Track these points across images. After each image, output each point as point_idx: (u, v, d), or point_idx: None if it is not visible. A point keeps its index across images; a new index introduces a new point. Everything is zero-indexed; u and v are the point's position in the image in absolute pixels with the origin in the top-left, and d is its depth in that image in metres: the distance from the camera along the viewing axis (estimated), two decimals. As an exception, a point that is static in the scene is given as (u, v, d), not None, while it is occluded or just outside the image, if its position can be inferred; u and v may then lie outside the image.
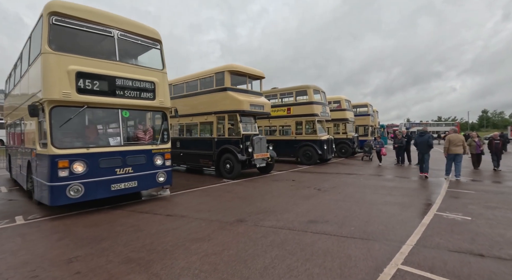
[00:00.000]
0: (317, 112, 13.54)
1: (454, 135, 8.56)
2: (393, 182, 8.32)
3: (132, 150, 5.48)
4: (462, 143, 8.40)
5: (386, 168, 11.99)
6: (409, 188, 7.33)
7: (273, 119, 14.78)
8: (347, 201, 5.99)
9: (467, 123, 76.84)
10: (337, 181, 8.69)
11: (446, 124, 67.11)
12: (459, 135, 8.71)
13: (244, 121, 9.42)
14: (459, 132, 9.34)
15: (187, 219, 4.70)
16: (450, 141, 8.46)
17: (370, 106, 23.62)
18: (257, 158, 9.32)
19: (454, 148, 8.38)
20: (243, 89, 9.78)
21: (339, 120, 18.04)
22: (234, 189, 7.55)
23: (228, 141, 9.34)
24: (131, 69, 5.53)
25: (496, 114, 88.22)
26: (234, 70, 9.36)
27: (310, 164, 13.27)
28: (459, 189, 7.13)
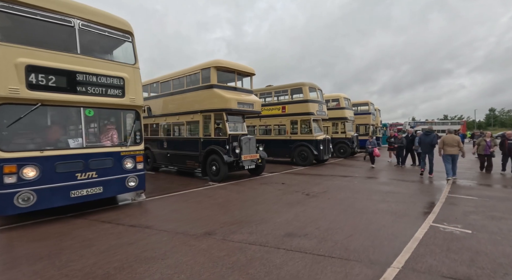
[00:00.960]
0: (312, 110, 12.96)
1: (448, 136, 8.41)
2: (390, 186, 7.73)
3: (96, 152, 4.99)
4: (457, 143, 8.25)
5: (384, 169, 11.39)
6: (406, 193, 6.75)
7: (268, 118, 14.24)
8: (335, 208, 5.44)
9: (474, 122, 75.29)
10: (330, 184, 8.13)
11: (452, 123, 65.68)
12: (454, 136, 8.51)
13: (231, 121, 8.89)
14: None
15: (150, 231, 4.20)
16: (444, 142, 8.40)
17: (371, 104, 22.91)
18: (245, 159, 8.80)
19: (449, 148, 8.27)
20: (231, 87, 9.24)
21: (338, 119, 17.42)
22: (216, 193, 7.04)
23: (214, 141, 8.83)
24: (96, 63, 5.03)
25: (504, 112, 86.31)
26: (221, 66, 8.82)
27: (305, 165, 12.71)
28: (461, 194, 6.52)
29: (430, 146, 9.02)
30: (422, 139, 9.29)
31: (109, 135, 5.40)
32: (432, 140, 9.03)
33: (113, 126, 5.59)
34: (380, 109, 29.10)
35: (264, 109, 14.40)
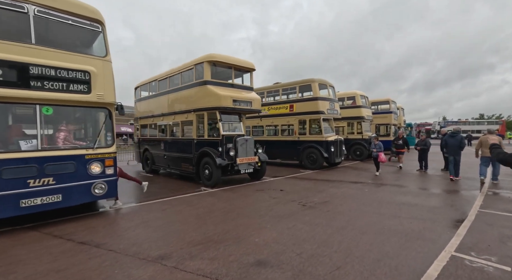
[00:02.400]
0: (322, 109, 11.87)
1: (487, 137, 7.57)
2: (406, 196, 6.55)
3: (53, 155, 4.44)
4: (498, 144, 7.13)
5: (404, 174, 10.05)
6: (425, 206, 5.58)
7: (275, 118, 13.34)
8: (331, 225, 4.47)
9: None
10: (335, 192, 7.09)
11: (488, 122, 60.17)
12: (495, 136, 7.37)
13: (226, 120, 8.14)
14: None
15: (97, 251, 3.53)
16: (482, 143, 7.73)
17: (393, 102, 21.09)
18: (241, 162, 8.00)
19: (487, 149, 7.48)
20: (227, 83, 8.49)
21: (354, 118, 16.07)
22: (202, 201, 6.31)
23: (208, 142, 8.12)
24: (56, 55, 4.50)
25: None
26: (215, 60, 8.10)
27: (314, 168, 11.65)
28: (497, 209, 5.24)
29: (458, 149, 8.40)
30: (448, 141, 8.66)
31: (71, 136, 4.86)
32: (460, 142, 8.40)
33: (77, 127, 5.05)
34: (404, 108, 27.03)
35: (272, 108, 13.56)
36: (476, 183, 7.96)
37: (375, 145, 10.01)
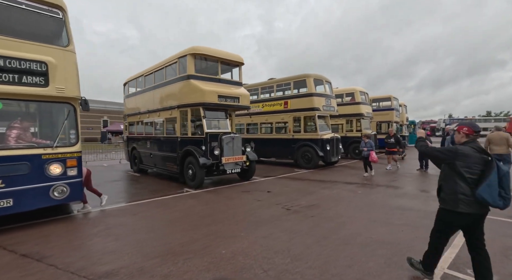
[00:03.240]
0: (318, 106, 11.33)
1: (495, 134, 7.37)
2: (403, 199, 6.03)
3: (2, 155, 4.01)
4: (505, 141, 7.15)
5: (403, 175, 9.50)
6: (421, 211, 5.06)
7: (269, 115, 12.84)
8: (312, 233, 3.98)
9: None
10: (325, 194, 6.59)
11: (495, 120, 58.82)
12: (502, 133, 7.39)
13: (210, 117, 7.65)
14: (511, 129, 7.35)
15: (35, 267, 3.09)
16: (490, 140, 7.32)
17: (394, 99, 20.40)
18: (227, 162, 7.53)
19: (496, 147, 7.18)
20: (213, 78, 7.99)
21: (353, 115, 15.50)
22: (180, 204, 5.86)
23: (191, 141, 7.66)
24: (7, 43, 4.05)
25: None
26: (199, 53, 7.60)
27: (309, 167, 11.15)
28: (498, 215, 4.70)
29: None
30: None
31: (28, 134, 4.42)
32: None
33: (35, 123, 4.61)
34: (407, 105, 26.29)
35: (266, 105, 13.07)
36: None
37: (366, 144, 9.20)
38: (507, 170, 2.35)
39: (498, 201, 2.30)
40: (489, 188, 2.29)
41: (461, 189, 2.43)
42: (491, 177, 2.30)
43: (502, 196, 2.31)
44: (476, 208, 2.40)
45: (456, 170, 2.46)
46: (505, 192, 2.31)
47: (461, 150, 2.46)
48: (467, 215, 2.43)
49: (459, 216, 2.46)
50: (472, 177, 2.40)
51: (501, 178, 2.31)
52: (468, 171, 2.41)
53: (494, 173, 2.31)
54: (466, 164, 2.42)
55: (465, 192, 2.41)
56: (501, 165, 2.36)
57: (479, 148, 2.47)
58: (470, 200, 2.39)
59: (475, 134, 2.55)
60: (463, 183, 2.43)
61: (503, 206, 2.33)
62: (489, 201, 2.30)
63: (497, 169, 2.32)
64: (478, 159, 2.42)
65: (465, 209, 2.41)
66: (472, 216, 2.44)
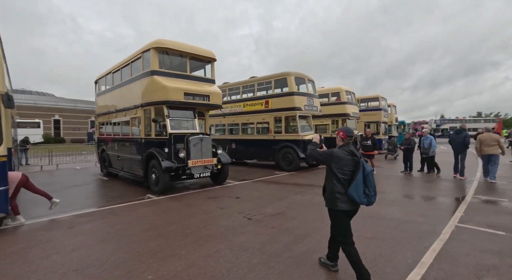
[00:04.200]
0: (299, 105, 10.85)
1: (486, 135, 7.68)
2: (378, 205, 5.51)
3: None
4: (496, 142, 7.47)
5: (386, 177, 9.07)
6: (395, 219, 4.58)
7: (250, 115, 12.32)
8: (264, 250, 3.45)
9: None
10: (297, 200, 6.09)
11: (485, 120, 59.50)
12: (492, 134, 7.74)
13: (175, 116, 7.08)
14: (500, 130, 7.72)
15: None
16: (481, 141, 7.64)
17: (383, 99, 20.09)
18: (194, 165, 6.96)
19: (487, 148, 7.51)
20: (180, 74, 7.41)
21: (338, 116, 15.09)
22: (132, 214, 5.27)
23: (156, 142, 7.07)
24: None
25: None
26: (164, 47, 7.03)
27: (290, 169, 10.66)
28: (480, 223, 4.24)
29: (463, 146, 8.24)
30: (453, 138, 8.55)
31: None
32: (464, 139, 8.21)
33: None
34: (396, 105, 26.05)
35: (247, 105, 12.54)
36: (466, 184, 6.99)
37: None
38: (370, 170, 2.59)
39: (362, 198, 2.54)
40: (356, 187, 2.53)
41: (337, 188, 2.66)
42: (358, 176, 2.54)
43: (366, 193, 2.56)
44: (350, 205, 2.64)
45: (332, 171, 2.71)
46: (368, 190, 2.56)
47: (335, 153, 2.70)
48: (346, 211, 2.67)
49: (340, 213, 2.69)
50: (344, 178, 2.64)
51: (365, 177, 2.55)
52: (341, 172, 2.65)
53: (360, 173, 2.55)
54: (339, 166, 2.66)
55: (340, 191, 2.64)
56: (366, 165, 2.62)
57: (350, 151, 2.69)
58: (344, 198, 2.63)
59: (348, 139, 2.80)
60: (338, 183, 2.66)
61: (367, 203, 2.58)
62: (355, 198, 2.54)
63: (362, 169, 2.57)
64: (350, 161, 2.65)
65: (342, 206, 2.64)
66: (349, 212, 2.70)
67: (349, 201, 2.61)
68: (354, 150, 2.72)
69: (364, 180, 2.55)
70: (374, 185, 2.59)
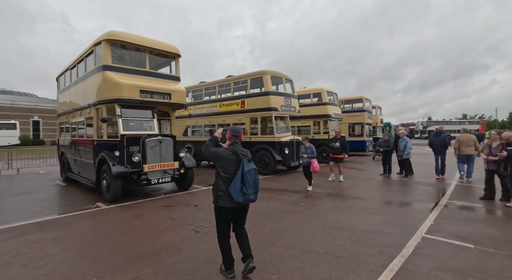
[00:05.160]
0: (275, 105, 10.37)
1: (464, 136, 7.99)
2: (345, 212, 5.07)
3: None
4: (473, 143, 7.79)
5: (363, 180, 8.65)
6: (358, 230, 4.09)
7: (226, 115, 11.76)
8: (196, 275, 2.88)
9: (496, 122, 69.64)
10: (260, 208, 5.55)
11: (469, 122, 60.77)
12: (470, 135, 8.09)
13: (130, 116, 6.45)
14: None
15: None
16: (460, 142, 7.95)
17: (367, 100, 19.86)
18: (151, 170, 6.33)
19: (465, 148, 7.79)
20: (137, 70, 6.78)
21: (320, 117, 14.71)
22: (63, 228, 4.62)
23: (108, 145, 6.41)
24: None
25: (530, 111, 79.25)
26: (117, 39, 6.39)
27: (266, 173, 10.14)
28: (448, 234, 3.80)
29: (443, 147, 8.57)
30: (433, 140, 8.83)
31: None
32: (444, 140, 8.58)
33: None
34: (381, 107, 26.03)
35: (223, 105, 11.99)
36: (443, 187, 6.62)
37: (306, 149, 7.26)
38: (250, 168, 2.64)
39: (239, 196, 2.60)
40: (234, 185, 2.60)
41: (219, 186, 2.72)
42: (237, 175, 2.62)
43: (243, 192, 2.60)
44: (231, 202, 2.67)
45: (217, 169, 2.78)
46: (246, 188, 2.60)
47: (219, 153, 2.75)
48: (226, 208, 2.71)
49: (222, 209, 2.73)
50: (227, 176, 2.70)
51: (243, 175, 2.60)
52: (223, 171, 2.72)
53: (239, 172, 2.62)
54: (221, 165, 2.74)
55: (222, 189, 2.70)
56: (246, 163, 2.66)
57: (234, 151, 2.75)
58: (225, 195, 2.68)
59: (234, 138, 2.86)
60: (221, 181, 2.72)
61: (244, 201, 2.63)
62: (233, 196, 2.60)
63: (242, 167, 2.63)
64: (232, 160, 2.72)
65: (223, 203, 2.69)
66: (230, 209, 2.72)
67: (230, 199, 2.65)
68: (240, 149, 2.77)
69: (242, 178, 2.59)
70: (255, 183, 2.64)
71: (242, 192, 2.59)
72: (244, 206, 2.79)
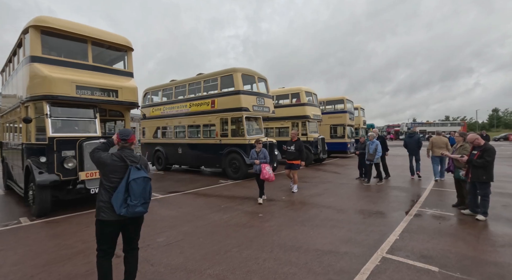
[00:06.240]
0: (246, 105, 9.67)
1: (436, 138, 8.21)
2: (305, 226, 4.41)
3: None
4: (445, 145, 7.95)
5: (336, 185, 8.07)
6: (311, 250, 3.43)
7: (196, 116, 10.98)
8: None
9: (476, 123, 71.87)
10: (213, 220, 4.83)
11: (451, 124, 62.26)
12: (442, 137, 8.29)
13: (64, 116, 5.59)
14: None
15: None
16: (433, 143, 8.16)
17: (348, 101, 19.49)
18: (90, 178, 5.48)
19: (437, 149, 7.88)
20: (76, 63, 5.92)
21: (298, 118, 14.14)
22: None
23: (37, 149, 5.51)
24: None
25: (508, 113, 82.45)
26: (46, 26, 5.50)
27: (237, 178, 9.45)
28: (411, 254, 3.20)
29: (416, 148, 8.96)
30: (407, 141, 9.24)
31: None
32: (418, 141, 9.00)
33: None
34: (364, 108, 25.88)
35: (193, 105, 11.19)
36: (418, 193, 6.10)
37: (258, 154, 6.12)
38: (137, 177, 2.24)
39: (121, 208, 2.21)
40: (116, 195, 2.23)
41: (101, 196, 2.33)
42: (120, 184, 2.26)
43: (127, 203, 2.23)
44: (113, 215, 2.27)
45: (100, 178, 2.40)
46: (131, 199, 2.22)
47: (102, 158, 2.35)
48: (109, 222, 2.29)
49: (103, 224, 2.31)
50: (110, 185, 2.31)
51: (128, 184, 2.23)
52: (106, 179, 2.33)
53: (124, 180, 2.25)
54: (104, 172, 2.36)
55: (104, 199, 2.30)
56: (133, 171, 2.27)
57: (121, 157, 2.36)
58: (107, 207, 2.28)
59: (123, 142, 2.45)
60: (104, 190, 2.33)
61: (127, 213, 2.23)
62: (115, 208, 2.22)
63: (128, 175, 2.25)
64: (117, 167, 2.33)
65: (104, 216, 2.28)
66: (114, 223, 2.31)
67: (111, 211, 2.27)
68: (129, 155, 2.39)
69: (127, 187, 2.23)
70: (145, 193, 2.28)
71: (125, 203, 2.22)
72: (134, 219, 2.37)
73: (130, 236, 2.47)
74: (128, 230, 2.43)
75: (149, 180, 2.34)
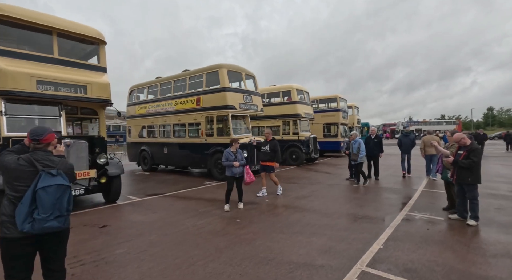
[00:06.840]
0: (232, 103, 9.26)
1: (428, 137, 8.31)
2: (283, 233, 4.04)
3: None
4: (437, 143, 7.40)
5: (324, 186, 7.71)
6: (285, 262, 3.06)
7: (182, 114, 10.55)
8: None
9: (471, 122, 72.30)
10: (185, 226, 4.44)
11: (446, 122, 62.44)
12: (434, 136, 8.48)
13: (21, 113, 5.13)
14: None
15: None
16: (424, 142, 8.25)
17: (341, 100, 19.14)
18: (54, 180, 5.03)
19: (429, 148, 7.95)
20: (41, 57, 5.46)
21: (289, 116, 13.76)
22: None
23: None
24: None
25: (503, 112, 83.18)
26: (4, 15, 5.01)
27: (223, 179, 8.97)
28: (393, 267, 2.84)
29: (410, 147, 9.09)
30: (402, 140, 9.29)
31: None
32: (413, 140, 9.16)
33: None
34: (358, 107, 25.63)
35: (178, 103, 10.76)
36: (408, 194, 5.76)
37: (236, 156, 5.51)
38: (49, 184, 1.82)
39: (25, 224, 1.79)
40: (19, 207, 1.82)
41: (4, 209, 1.90)
42: (26, 193, 1.83)
43: (33, 217, 1.80)
44: (18, 231, 1.85)
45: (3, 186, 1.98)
46: (38, 212, 1.80)
47: (6, 162, 1.91)
48: (14, 240, 1.86)
49: (8, 242, 1.87)
50: (15, 195, 1.89)
51: (35, 193, 1.81)
52: (9, 188, 1.91)
53: (30, 189, 1.83)
54: (6, 179, 1.92)
55: (7, 213, 1.89)
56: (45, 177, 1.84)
57: (29, 160, 1.92)
58: (12, 221, 1.86)
59: (34, 143, 1.99)
60: (7, 201, 1.91)
61: (33, 230, 1.80)
62: (17, 223, 1.81)
63: (35, 182, 1.83)
64: (24, 173, 1.89)
65: (7, 233, 1.86)
66: (21, 240, 1.87)
67: (16, 226, 1.87)
68: (42, 159, 1.96)
69: (34, 198, 1.81)
70: (59, 204, 1.86)
71: (31, 217, 1.80)
72: (52, 234, 1.93)
73: (48, 255, 2.03)
74: (44, 248, 2.00)
75: (67, 188, 1.93)
